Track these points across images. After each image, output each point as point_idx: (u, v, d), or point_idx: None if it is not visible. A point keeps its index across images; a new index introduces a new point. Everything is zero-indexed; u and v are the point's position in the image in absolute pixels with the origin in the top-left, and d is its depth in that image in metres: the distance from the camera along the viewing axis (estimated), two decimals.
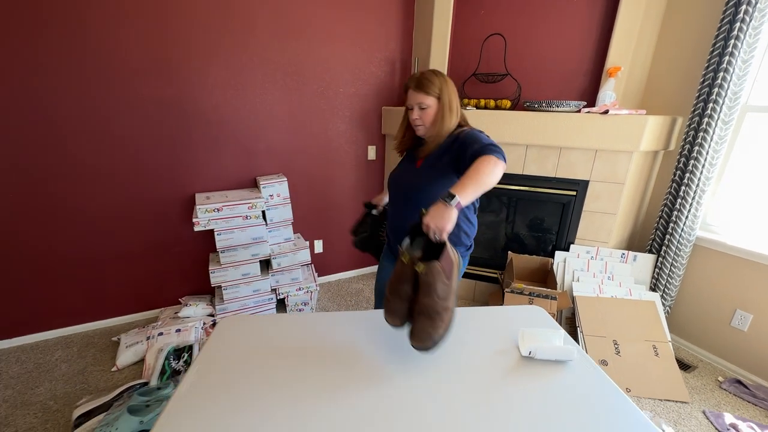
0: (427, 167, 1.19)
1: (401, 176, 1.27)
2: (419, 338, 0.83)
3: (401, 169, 1.30)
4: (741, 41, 1.66)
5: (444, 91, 1.15)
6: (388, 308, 0.90)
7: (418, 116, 1.17)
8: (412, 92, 1.16)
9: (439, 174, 1.16)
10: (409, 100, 1.18)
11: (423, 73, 1.16)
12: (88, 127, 1.82)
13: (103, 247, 2.01)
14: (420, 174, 1.20)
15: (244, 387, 0.78)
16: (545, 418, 0.73)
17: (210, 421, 0.69)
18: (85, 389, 1.67)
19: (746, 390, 1.78)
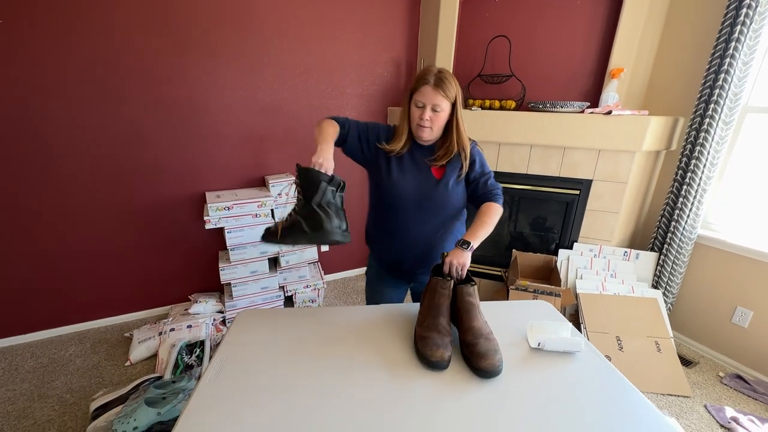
0: (450, 181, 1.13)
1: (416, 186, 1.14)
2: (488, 359, 0.82)
3: (408, 176, 1.14)
4: (741, 44, 1.69)
5: (458, 99, 1.08)
6: (432, 343, 0.85)
7: (429, 117, 1.05)
8: (430, 90, 1.03)
9: (460, 190, 1.15)
10: (422, 96, 1.04)
11: (442, 71, 1.04)
12: (103, 126, 1.86)
13: (114, 245, 2.05)
14: (444, 189, 1.13)
15: (268, 376, 0.82)
16: (556, 407, 0.77)
17: (237, 409, 0.73)
18: (100, 383, 1.71)
19: (747, 385, 1.82)
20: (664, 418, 0.76)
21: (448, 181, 1.13)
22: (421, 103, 1.06)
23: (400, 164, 1.15)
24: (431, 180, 1.14)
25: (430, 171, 1.14)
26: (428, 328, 0.89)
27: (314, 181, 0.95)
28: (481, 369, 0.82)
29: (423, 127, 1.08)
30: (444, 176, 1.14)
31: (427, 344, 0.85)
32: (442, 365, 0.83)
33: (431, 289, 0.97)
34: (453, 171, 1.14)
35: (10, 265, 1.85)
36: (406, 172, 1.15)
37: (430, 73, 1.04)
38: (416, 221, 1.16)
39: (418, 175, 1.14)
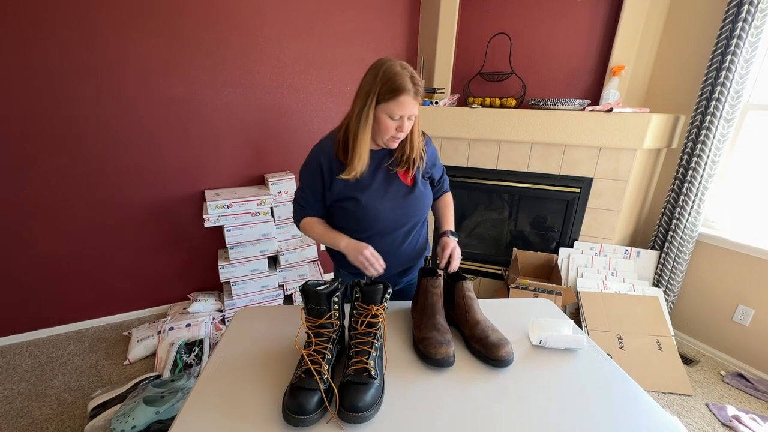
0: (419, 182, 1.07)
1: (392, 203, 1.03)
2: (503, 347, 0.82)
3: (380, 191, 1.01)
4: (743, 40, 1.69)
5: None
6: (434, 342, 0.83)
7: (407, 129, 0.96)
8: (410, 100, 0.91)
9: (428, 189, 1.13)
10: (401, 108, 0.91)
11: (414, 75, 0.92)
12: (100, 126, 1.85)
13: (113, 244, 2.04)
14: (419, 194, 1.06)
15: (267, 375, 0.81)
16: (558, 403, 0.76)
17: (235, 407, 0.72)
18: (98, 382, 1.70)
19: (748, 383, 1.81)
20: (668, 416, 0.75)
21: (418, 185, 1.07)
22: (398, 116, 0.92)
23: (364, 184, 1.00)
24: (403, 188, 1.04)
25: (399, 179, 1.04)
26: (427, 329, 0.88)
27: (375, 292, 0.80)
28: (498, 359, 0.83)
29: (396, 139, 0.97)
30: (414, 180, 1.06)
31: (429, 344, 0.84)
32: (448, 362, 0.82)
33: (423, 291, 0.97)
34: (418, 170, 1.07)
35: (9, 264, 1.84)
36: (376, 189, 1.01)
37: (404, 78, 0.89)
38: (397, 241, 1.07)
39: (389, 188, 1.02)
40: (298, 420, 0.65)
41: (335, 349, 0.78)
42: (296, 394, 0.67)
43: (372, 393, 0.69)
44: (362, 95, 0.93)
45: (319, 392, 0.68)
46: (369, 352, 0.74)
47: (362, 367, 0.72)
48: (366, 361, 0.73)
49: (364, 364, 0.72)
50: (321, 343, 0.75)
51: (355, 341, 0.76)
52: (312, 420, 0.65)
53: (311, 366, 0.70)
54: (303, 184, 1.08)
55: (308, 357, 0.72)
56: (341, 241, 1.00)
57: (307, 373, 0.70)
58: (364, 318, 0.77)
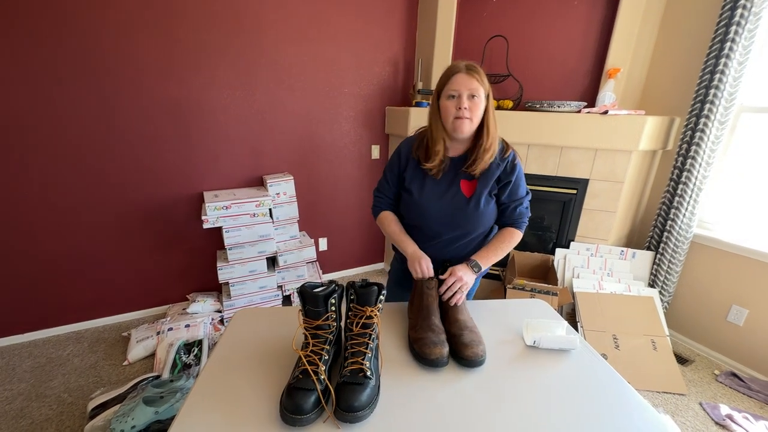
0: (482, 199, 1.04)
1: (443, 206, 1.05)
2: (473, 347, 0.84)
3: (435, 194, 1.06)
4: (737, 44, 1.71)
5: (491, 91, 1.01)
6: (429, 342, 0.85)
7: (467, 106, 0.95)
8: (464, 77, 0.95)
9: (491, 208, 1.06)
10: (455, 85, 0.96)
11: (470, 63, 0.98)
12: (99, 126, 1.86)
13: (112, 244, 2.05)
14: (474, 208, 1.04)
15: (265, 375, 0.82)
16: (551, 403, 0.78)
17: (234, 408, 0.73)
18: (98, 382, 1.71)
19: (741, 383, 1.83)
20: (659, 416, 0.76)
21: (479, 198, 1.04)
22: (455, 92, 0.96)
23: (427, 182, 1.07)
24: (460, 199, 1.05)
25: (460, 189, 1.05)
26: (422, 330, 0.90)
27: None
28: (464, 358, 0.84)
29: (462, 119, 0.96)
30: (474, 193, 1.04)
31: (424, 344, 0.86)
32: (442, 362, 0.84)
33: (419, 293, 0.98)
34: (485, 186, 1.04)
35: (9, 265, 1.85)
36: (433, 190, 1.06)
37: (456, 63, 0.99)
38: (443, 242, 1.10)
39: (446, 193, 1.05)
40: (295, 420, 0.66)
41: (332, 349, 0.79)
42: (293, 394, 0.68)
43: (368, 393, 0.70)
44: (433, 96, 1.04)
45: (315, 392, 0.69)
46: (364, 353, 0.76)
47: (358, 367, 0.73)
48: (361, 361, 0.74)
49: (360, 365, 0.74)
50: (318, 344, 0.76)
51: (351, 342, 0.78)
52: (309, 420, 0.67)
53: (308, 367, 0.72)
54: (385, 171, 1.17)
55: (305, 358, 0.74)
56: (408, 247, 1.07)
57: (304, 374, 0.72)
58: (359, 319, 0.78)
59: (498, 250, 1.07)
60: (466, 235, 1.10)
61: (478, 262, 1.03)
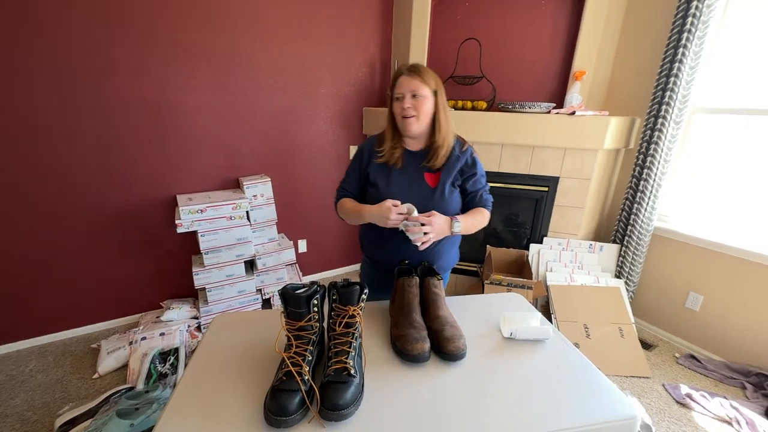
0: (446, 188, 1.08)
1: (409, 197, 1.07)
2: (454, 342, 0.86)
3: (400, 187, 1.10)
4: (688, 49, 1.84)
5: (440, 88, 1.07)
6: (410, 338, 0.86)
7: (411, 105, 1.03)
8: (406, 78, 1.03)
9: (456, 197, 1.11)
10: (399, 87, 1.04)
11: (416, 63, 1.07)
12: (64, 128, 1.76)
13: (79, 251, 1.95)
14: (440, 197, 1.08)
15: (246, 381, 0.82)
16: (527, 391, 0.81)
17: (215, 416, 0.72)
18: (65, 398, 1.63)
19: (699, 364, 1.97)
20: (625, 398, 0.82)
21: (443, 187, 1.09)
22: (400, 94, 1.04)
23: (392, 176, 1.12)
24: (425, 189, 1.10)
25: (424, 180, 1.11)
26: (403, 327, 0.91)
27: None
28: (446, 352, 0.86)
29: (407, 118, 1.04)
30: (439, 183, 1.09)
31: (406, 340, 0.88)
32: (423, 357, 0.86)
33: (400, 290, 1.00)
34: (448, 176, 1.10)
35: None
36: (398, 183, 1.11)
37: (404, 66, 1.06)
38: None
39: (411, 185, 1.10)
40: (279, 421, 0.66)
41: (315, 350, 0.79)
42: (277, 396, 0.68)
43: (352, 391, 0.71)
44: (388, 96, 1.10)
45: (300, 393, 0.69)
46: (348, 352, 0.77)
47: (342, 366, 0.74)
48: (345, 360, 0.75)
49: (344, 364, 0.75)
50: (301, 345, 0.77)
51: (334, 342, 0.79)
52: (294, 420, 0.67)
53: (292, 368, 0.72)
54: (347, 170, 1.22)
55: (289, 359, 0.74)
56: (364, 209, 1.09)
57: (288, 375, 0.72)
58: (342, 319, 0.79)
59: (475, 220, 1.14)
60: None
61: (460, 220, 1.07)
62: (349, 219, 1.17)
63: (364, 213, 1.09)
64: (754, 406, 1.67)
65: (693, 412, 1.67)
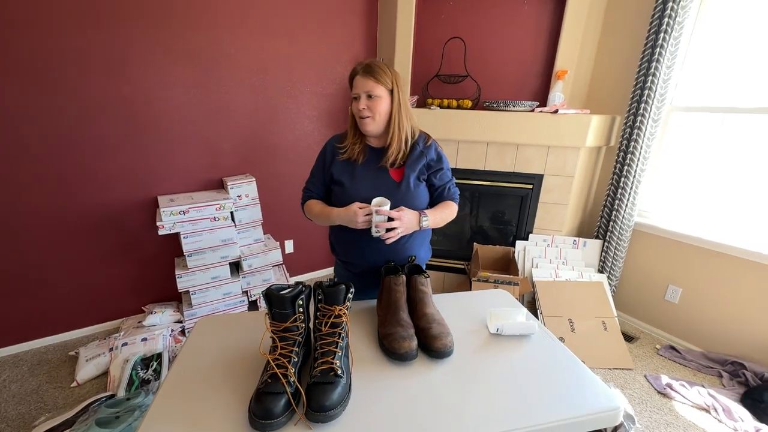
0: (411, 182, 1.09)
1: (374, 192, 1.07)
2: (441, 339, 0.86)
3: (365, 183, 1.10)
4: (665, 49, 1.89)
5: (396, 85, 1.06)
6: (398, 337, 0.86)
7: (365, 106, 1.04)
8: (360, 79, 1.04)
9: (423, 190, 1.12)
10: (355, 88, 1.05)
11: (371, 61, 1.06)
12: (36, 126, 1.69)
13: (55, 256, 1.87)
14: (405, 191, 1.09)
15: (232, 385, 0.80)
16: (515, 385, 0.82)
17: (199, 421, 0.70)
18: (41, 408, 1.56)
19: (678, 354, 2.04)
20: (608, 389, 0.84)
21: (408, 180, 1.09)
22: (356, 94, 1.05)
23: (356, 173, 1.12)
24: (390, 183, 1.10)
25: (389, 175, 1.11)
26: (390, 325, 0.91)
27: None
28: (434, 350, 0.86)
29: (363, 118, 1.06)
30: (404, 177, 1.10)
31: (393, 339, 0.87)
32: (411, 355, 0.85)
33: (387, 288, 1.00)
34: (412, 171, 1.10)
35: None
36: (363, 179, 1.11)
37: (360, 64, 1.06)
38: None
39: (376, 180, 1.10)
40: (265, 425, 0.65)
41: (301, 351, 0.78)
42: (262, 399, 0.67)
43: (339, 391, 0.70)
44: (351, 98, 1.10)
45: (285, 395, 0.68)
46: (334, 352, 0.76)
47: (328, 367, 0.73)
48: (332, 360, 0.74)
49: (330, 364, 0.74)
50: (287, 346, 0.75)
51: (321, 342, 0.77)
52: (279, 423, 0.66)
53: (277, 370, 0.71)
54: (312, 170, 1.21)
55: (274, 361, 0.73)
56: (333, 212, 1.09)
57: (273, 378, 0.70)
58: (328, 319, 0.78)
59: (443, 213, 1.14)
60: None
61: (428, 214, 1.08)
62: (317, 221, 1.16)
63: (332, 216, 1.09)
64: (730, 393, 1.74)
65: (673, 401, 1.72)
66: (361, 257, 1.17)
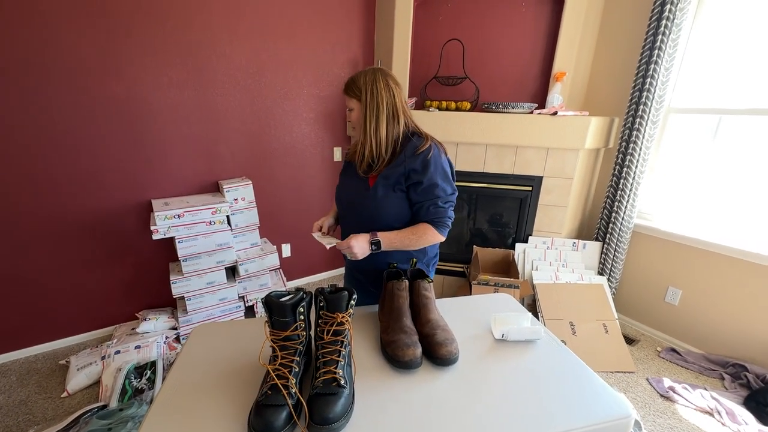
0: (380, 188, 1.08)
1: (350, 191, 1.17)
2: (446, 347, 0.83)
3: (346, 184, 1.20)
4: (663, 51, 1.89)
5: (367, 92, 1.04)
6: (401, 344, 0.84)
7: (349, 119, 1.14)
8: (344, 95, 1.13)
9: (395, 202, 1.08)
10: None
11: (353, 75, 1.10)
12: (27, 127, 1.65)
13: (45, 262, 1.82)
14: (372, 196, 1.09)
15: (229, 393, 0.77)
16: (522, 393, 0.80)
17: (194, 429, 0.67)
18: (30, 420, 1.51)
19: (679, 357, 2.03)
20: (617, 395, 0.81)
21: (376, 189, 1.08)
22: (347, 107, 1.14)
23: (346, 174, 1.22)
24: (362, 188, 1.13)
25: (366, 180, 1.13)
26: (394, 332, 0.88)
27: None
28: (439, 357, 0.84)
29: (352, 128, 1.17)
30: (375, 185, 1.09)
31: (397, 346, 0.85)
32: (415, 363, 0.83)
33: (389, 294, 0.97)
34: (384, 179, 1.07)
35: None
36: (345, 181, 1.21)
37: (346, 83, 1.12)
38: (352, 227, 1.15)
39: (354, 182, 1.16)
40: None
41: (302, 360, 0.75)
42: (262, 412, 0.64)
43: (342, 403, 0.67)
44: None
45: (287, 407, 0.65)
46: (337, 361, 0.73)
47: (331, 377, 0.70)
48: (334, 370, 0.71)
49: (333, 374, 0.71)
50: (287, 356, 0.72)
51: (323, 351, 0.74)
52: None
53: (277, 381, 0.68)
54: None
55: (274, 372, 0.69)
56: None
57: (274, 389, 0.67)
58: (330, 327, 0.75)
59: (404, 238, 1.06)
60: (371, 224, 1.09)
61: (379, 238, 1.04)
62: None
63: None
64: (733, 396, 1.73)
65: (676, 404, 1.71)
66: (366, 262, 1.13)
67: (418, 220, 1.10)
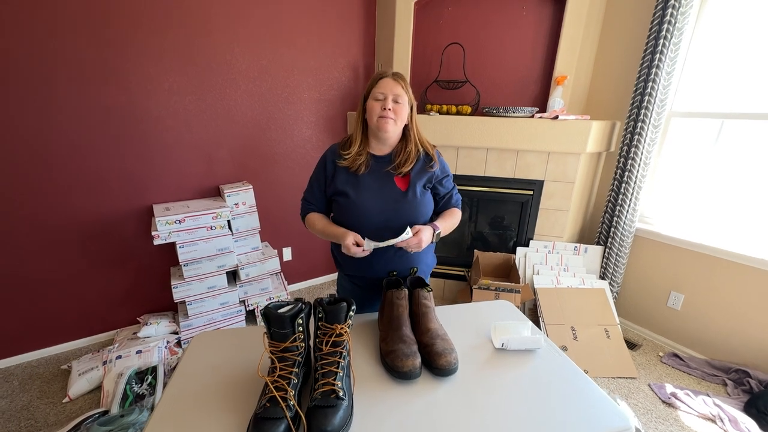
0: (418, 190, 1.08)
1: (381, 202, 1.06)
2: (445, 356, 0.83)
3: (370, 193, 1.07)
4: (664, 55, 1.88)
5: (414, 103, 1.10)
6: (401, 354, 0.83)
7: (392, 107, 1.02)
8: (390, 81, 1.04)
9: (428, 198, 1.12)
10: (382, 88, 1.03)
11: (397, 72, 1.09)
12: (29, 133, 1.66)
13: (47, 266, 1.83)
14: (412, 199, 1.07)
15: (231, 402, 0.77)
16: (522, 403, 0.79)
17: None
18: (32, 426, 1.51)
19: (682, 362, 2.01)
20: (617, 407, 0.81)
21: (415, 189, 1.08)
22: (381, 94, 1.03)
23: (361, 183, 1.08)
24: (396, 192, 1.07)
25: (394, 183, 1.08)
26: (393, 342, 0.88)
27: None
28: (437, 367, 0.83)
29: (386, 118, 1.02)
30: (410, 186, 1.08)
31: (396, 356, 0.84)
32: (414, 373, 0.82)
33: (389, 303, 0.97)
34: (419, 178, 1.09)
35: None
36: (368, 189, 1.08)
37: (387, 70, 1.08)
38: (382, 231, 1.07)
39: (381, 190, 1.08)
40: None
41: (301, 372, 0.75)
42: (260, 425, 0.64)
43: (341, 415, 0.67)
44: (361, 97, 1.10)
45: (285, 420, 0.65)
46: (336, 373, 0.73)
47: (329, 389, 0.70)
48: (333, 382, 0.71)
49: (331, 386, 0.71)
50: (286, 367, 0.72)
51: (321, 362, 0.74)
52: None
53: (276, 393, 0.68)
54: (310, 179, 1.19)
55: (272, 384, 0.70)
56: (338, 230, 1.08)
57: (272, 401, 0.67)
58: (329, 338, 0.75)
59: (451, 221, 1.17)
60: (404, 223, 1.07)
61: (439, 227, 1.10)
62: (320, 236, 1.16)
63: (334, 237, 1.09)
64: (736, 402, 1.71)
65: (679, 411, 1.69)
66: (368, 269, 1.14)
67: (446, 208, 1.21)
